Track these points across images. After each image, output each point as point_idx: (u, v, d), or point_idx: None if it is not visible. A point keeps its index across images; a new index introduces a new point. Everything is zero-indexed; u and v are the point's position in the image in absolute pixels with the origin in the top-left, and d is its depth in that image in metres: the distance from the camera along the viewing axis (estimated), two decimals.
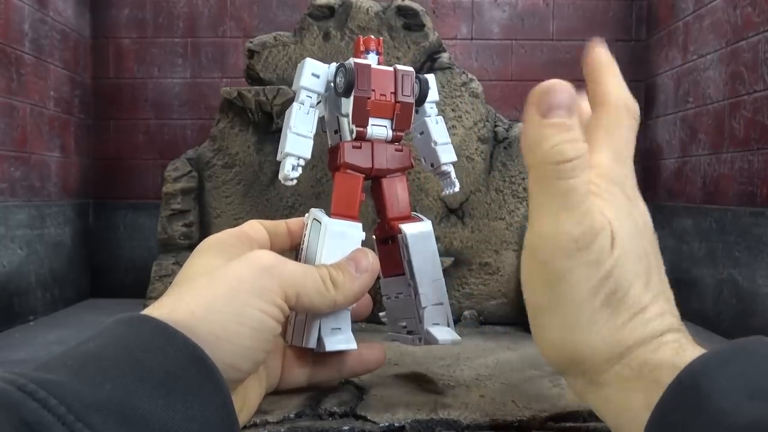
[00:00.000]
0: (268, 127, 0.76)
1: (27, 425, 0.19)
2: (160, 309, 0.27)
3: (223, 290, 0.28)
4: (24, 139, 1.64)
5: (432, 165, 0.42)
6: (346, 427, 0.34)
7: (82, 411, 0.20)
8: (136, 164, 1.99)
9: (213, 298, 0.28)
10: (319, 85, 0.38)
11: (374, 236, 0.41)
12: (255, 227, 0.36)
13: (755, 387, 0.21)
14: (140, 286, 0.96)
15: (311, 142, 0.37)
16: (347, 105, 0.38)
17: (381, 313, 0.43)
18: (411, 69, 0.39)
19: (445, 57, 0.77)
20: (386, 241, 0.40)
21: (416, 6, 0.79)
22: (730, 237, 1.50)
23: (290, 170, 0.36)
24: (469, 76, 0.77)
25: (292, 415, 0.35)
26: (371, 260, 0.35)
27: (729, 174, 1.53)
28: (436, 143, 0.41)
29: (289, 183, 0.36)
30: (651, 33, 1.97)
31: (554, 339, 0.27)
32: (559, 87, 0.28)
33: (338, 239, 0.35)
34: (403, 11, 0.79)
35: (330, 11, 0.79)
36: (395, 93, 0.38)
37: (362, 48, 0.39)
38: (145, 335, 0.25)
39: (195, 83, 1.98)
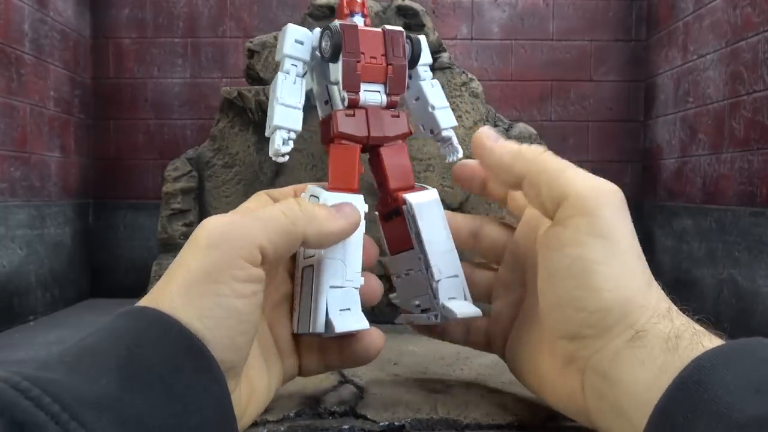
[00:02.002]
0: None
1: (19, 425, 0.18)
2: (148, 303, 0.26)
3: (178, 285, 0.26)
4: (24, 139, 1.64)
5: (432, 131, 0.39)
6: (346, 426, 0.34)
7: (77, 408, 0.19)
8: (136, 164, 1.99)
9: (171, 295, 0.26)
10: (304, 52, 0.35)
11: (376, 212, 0.38)
12: (262, 200, 0.34)
13: (760, 382, 0.21)
14: (140, 286, 0.96)
15: (301, 113, 0.34)
16: (336, 71, 0.35)
17: (392, 295, 0.40)
18: (400, 28, 0.37)
19: (445, 57, 0.77)
20: (390, 216, 0.37)
21: (416, 6, 0.79)
22: (730, 237, 1.50)
23: (281, 144, 0.33)
24: (469, 76, 0.77)
25: (292, 414, 0.35)
26: (353, 210, 0.32)
27: (729, 174, 1.53)
28: (433, 107, 0.38)
29: (281, 159, 0.34)
30: (651, 33, 1.98)
31: (604, 283, 0.27)
32: (489, 128, 0.34)
33: None
34: (403, 11, 0.79)
35: (330, 11, 0.79)
36: (386, 55, 0.36)
37: (346, 11, 0.36)
38: (143, 327, 0.24)
39: (195, 83, 1.98)
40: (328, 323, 0.32)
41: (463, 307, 0.35)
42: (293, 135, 0.34)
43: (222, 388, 0.24)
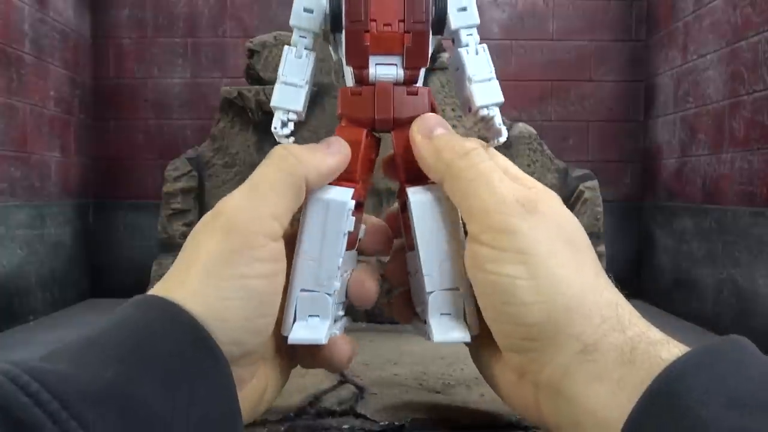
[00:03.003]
0: (268, 126, 0.76)
1: (17, 422, 0.18)
2: (165, 287, 0.26)
3: (198, 269, 0.26)
4: (24, 139, 1.64)
5: (470, 109, 0.32)
6: (345, 426, 0.34)
7: (78, 404, 0.19)
8: (136, 164, 1.99)
9: (190, 280, 0.26)
10: (312, 22, 0.31)
11: (397, 202, 0.34)
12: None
13: (733, 394, 0.21)
14: (140, 286, 0.95)
15: (303, 92, 0.31)
16: (341, 42, 0.30)
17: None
18: None
19: (445, 57, 0.77)
20: (403, 208, 0.33)
21: None
22: (730, 237, 1.50)
23: (279, 126, 0.30)
24: None
25: (292, 414, 0.35)
26: (342, 144, 0.29)
27: (729, 174, 1.53)
28: (470, 80, 0.31)
29: (284, 141, 0.30)
30: (651, 33, 1.98)
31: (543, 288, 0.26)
32: (430, 115, 0.30)
33: (320, 208, 0.29)
34: None
35: None
36: (405, 21, 0.29)
37: None
38: (150, 317, 0.24)
39: (195, 83, 1.98)
40: (291, 329, 0.29)
41: (445, 330, 0.30)
42: (293, 116, 0.31)
43: (227, 380, 0.24)
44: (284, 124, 0.30)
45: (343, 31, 0.29)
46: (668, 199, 1.83)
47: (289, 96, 0.30)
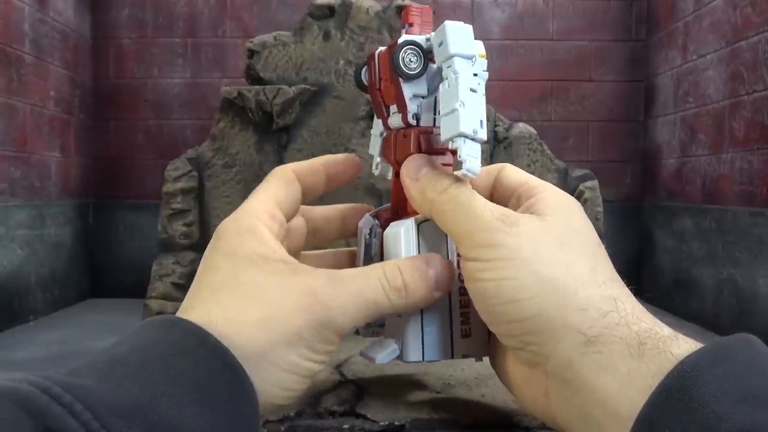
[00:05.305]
0: (268, 126, 0.76)
1: (50, 431, 0.19)
2: (205, 315, 0.26)
3: (279, 340, 0.27)
4: (24, 139, 1.64)
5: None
6: (346, 426, 0.34)
7: (108, 417, 0.19)
8: (136, 164, 1.99)
9: (267, 346, 0.27)
10: None
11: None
12: (287, 178, 0.33)
13: (746, 390, 0.21)
14: (140, 286, 0.96)
15: (377, 141, 0.37)
16: None
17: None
18: (404, 39, 0.32)
19: None
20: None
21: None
22: (730, 237, 1.50)
23: (374, 168, 0.37)
24: None
25: (292, 414, 0.35)
26: (445, 273, 0.31)
27: (729, 174, 1.53)
28: (439, 113, 0.31)
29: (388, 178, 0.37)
30: (651, 33, 1.98)
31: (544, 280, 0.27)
32: (415, 157, 0.33)
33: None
34: (402, 11, 0.79)
35: (330, 11, 0.79)
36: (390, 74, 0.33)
37: (401, 24, 0.35)
38: (177, 338, 0.24)
39: (195, 83, 1.98)
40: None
41: (373, 348, 0.34)
42: (378, 159, 0.37)
43: (253, 406, 0.25)
44: (376, 166, 0.37)
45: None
46: (668, 199, 1.83)
47: (372, 145, 0.37)
